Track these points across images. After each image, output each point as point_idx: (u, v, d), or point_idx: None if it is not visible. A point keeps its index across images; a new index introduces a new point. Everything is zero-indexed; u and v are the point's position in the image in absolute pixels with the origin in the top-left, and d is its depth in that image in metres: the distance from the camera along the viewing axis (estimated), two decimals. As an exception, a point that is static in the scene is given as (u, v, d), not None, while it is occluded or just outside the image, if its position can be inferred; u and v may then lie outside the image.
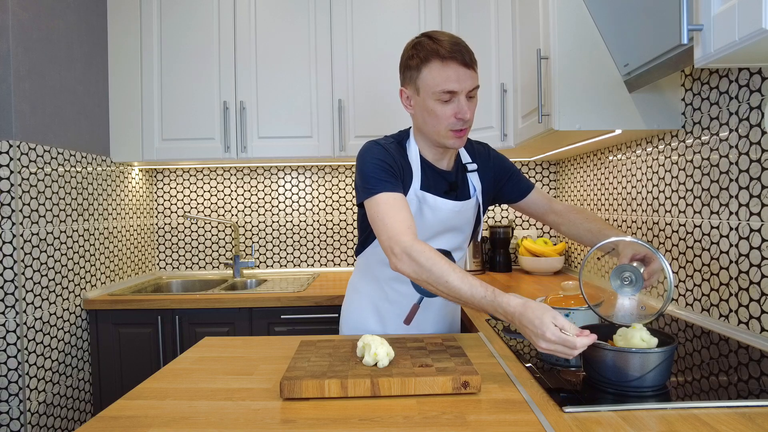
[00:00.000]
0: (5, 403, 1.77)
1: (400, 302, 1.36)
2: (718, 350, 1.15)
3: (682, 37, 0.92)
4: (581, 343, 0.84)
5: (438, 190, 1.28)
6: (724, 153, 1.32)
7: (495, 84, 2.09)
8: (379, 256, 1.35)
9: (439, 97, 1.14)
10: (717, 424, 0.76)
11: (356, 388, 0.89)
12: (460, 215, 1.31)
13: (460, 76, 1.13)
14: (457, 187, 1.31)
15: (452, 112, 1.15)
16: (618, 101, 1.53)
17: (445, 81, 1.13)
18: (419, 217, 1.27)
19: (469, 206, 1.32)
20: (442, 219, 1.29)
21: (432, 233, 1.31)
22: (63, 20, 2.04)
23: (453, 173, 1.32)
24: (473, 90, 1.17)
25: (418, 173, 1.25)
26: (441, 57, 1.12)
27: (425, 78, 1.15)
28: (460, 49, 1.13)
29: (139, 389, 0.96)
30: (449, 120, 1.16)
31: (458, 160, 1.35)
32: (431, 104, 1.16)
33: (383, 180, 1.14)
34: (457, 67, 1.12)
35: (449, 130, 1.17)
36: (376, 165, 1.17)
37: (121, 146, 2.38)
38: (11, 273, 1.77)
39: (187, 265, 2.78)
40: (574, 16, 1.53)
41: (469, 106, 1.16)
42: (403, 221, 1.09)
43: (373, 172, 1.16)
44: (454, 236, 1.34)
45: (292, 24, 2.38)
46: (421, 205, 1.26)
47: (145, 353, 2.12)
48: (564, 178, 2.60)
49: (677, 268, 1.55)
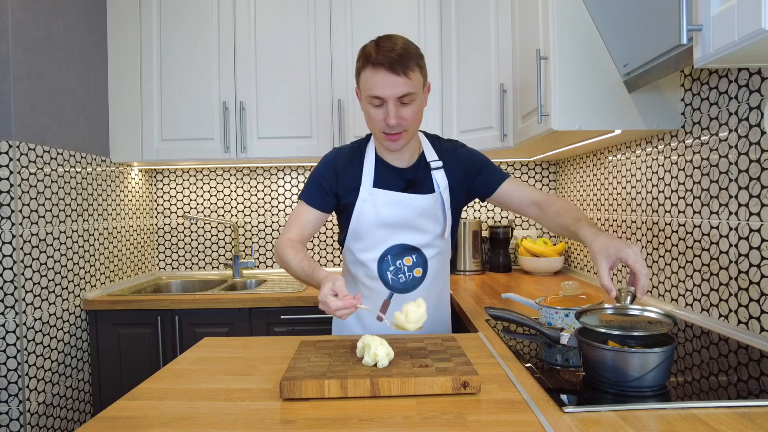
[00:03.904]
0: (5, 404, 1.77)
1: (373, 298, 1.38)
2: (717, 350, 1.15)
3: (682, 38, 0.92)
4: (333, 305, 0.99)
5: (394, 187, 1.34)
6: (724, 153, 1.32)
7: (494, 84, 2.09)
8: (352, 255, 1.39)
9: (371, 101, 1.22)
10: (717, 424, 0.76)
11: (356, 389, 0.89)
12: (421, 210, 1.34)
13: (387, 83, 1.18)
14: (415, 184, 1.35)
15: (383, 116, 1.22)
16: (617, 101, 1.53)
17: (373, 86, 1.20)
18: (375, 215, 1.32)
19: (431, 201, 1.35)
20: (402, 214, 1.33)
21: (393, 229, 1.34)
22: (62, 20, 2.04)
23: (412, 170, 1.36)
24: (405, 97, 1.20)
25: (370, 173, 1.33)
26: (372, 63, 1.19)
27: (362, 82, 1.24)
28: (391, 56, 1.17)
29: (139, 389, 0.96)
30: (380, 124, 1.24)
31: (422, 157, 1.38)
32: (367, 107, 1.25)
33: (310, 192, 1.34)
34: (385, 74, 1.17)
35: (382, 132, 1.25)
36: (313, 177, 1.35)
37: (121, 146, 2.38)
38: (11, 273, 1.76)
39: (186, 265, 2.78)
40: (573, 16, 1.53)
41: (401, 112, 1.21)
42: (294, 228, 1.31)
43: (309, 180, 1.36)
44: (420, 233, 1.36)
45: (292, 24, 2.38)
46: (375, 201, 1.32)
47: (144, 353, 2.12)
48: (564, 178, 2.60)
49: (677, 268, 1.55)
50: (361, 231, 1.35)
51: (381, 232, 1.34)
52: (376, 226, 1.33)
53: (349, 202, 1.34)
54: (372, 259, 1.36)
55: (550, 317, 1.23)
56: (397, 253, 1.36)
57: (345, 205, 1.36)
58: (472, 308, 1.68)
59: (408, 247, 1.36)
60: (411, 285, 1.38)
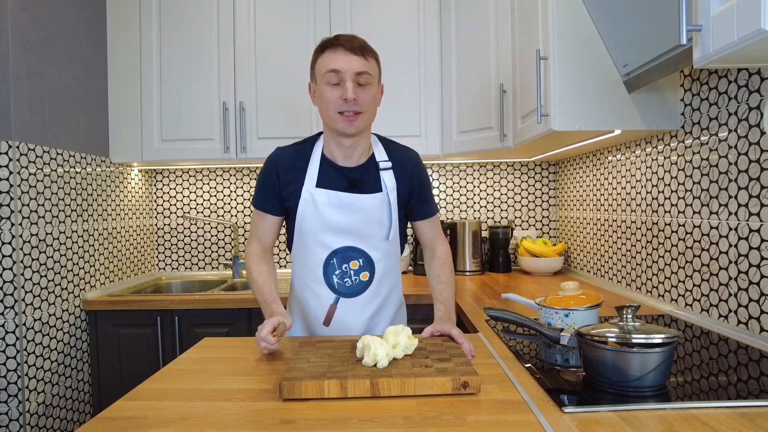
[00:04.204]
0: (4, 404, 1.76)
1: (319, 303, 1.34)
2: (717, 350, 1.15)
3: (682, 38, 0.92)
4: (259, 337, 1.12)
5: (337, 186, 1.31)
6: (723, 153, 1.32)
7: (494, 84, 2.09)
8: (298, 258, 1.37)
9: (328, 80, 1.23)
10: (716, 424, 0.76)
11: (356, 389, 0.89)
12: (365, 210, 1.30)
13: (345, 59, 1.22)
14: (360, 184, 1.32)
15: (339, 94, 1.23)
16: (617, 101, 1.53)
17: (330, 63, 1.23)
18: (316, 215, 1.30)
19: (376, 201, 1.31)
20: (345, 215, 1.30)
21: (336, 231, 1.31)
22: (62, 21, 2.04)
23: (358, 170, 1.33)
24: (362, 75, 1.22)
25: (314, 172, 1.32)
26: (331, 45, 1.25)
27: (318, 65, 1.27)
28: (351, 41, 1.24)
29: (139, 390, 0.96)
30: (336, 102, 1.23)
31: (372, 158, 1.36)
32: (322, 88, 1.25)
33: (259, 195, 1.36)
34: (344, 51, 1.22)
35: (337, 112, 1.24)
36: (259, 180, 1.36)
37: (121, 147, 2.38)
38: (10, 274, 1.76)
39: (186, 265, 2.78)
40: (573, 17, 1.53)
41: (358, 93, 1.23)
42: (253, 240, 1.38)
43: (257, 185, 1.37)
44: (364, 235, 1.32)
45: (292, 24, 2.38)
46: (316, 201, 1.30)
47: (144, 354, 2.12)
48: (563, 178, 2.61)
49: (677, 268, 1.56)
50: (305, 233, 1.32)
51: (324, 234, 1.30)
52: (320, 227, 1.30)
53: (292, 204, 1.32)
54: (317, 263, 1.32)
55: (550, 317, 1.23)
56: (342, 256, 1.32)
57: (289, 207, 1.34)
58: (472, 308, 1.68)
59: (353, 249, 1.32)
60: (357, 289, 1.33)
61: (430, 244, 1.45)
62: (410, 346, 1.04)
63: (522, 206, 2.76)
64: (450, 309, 1.30)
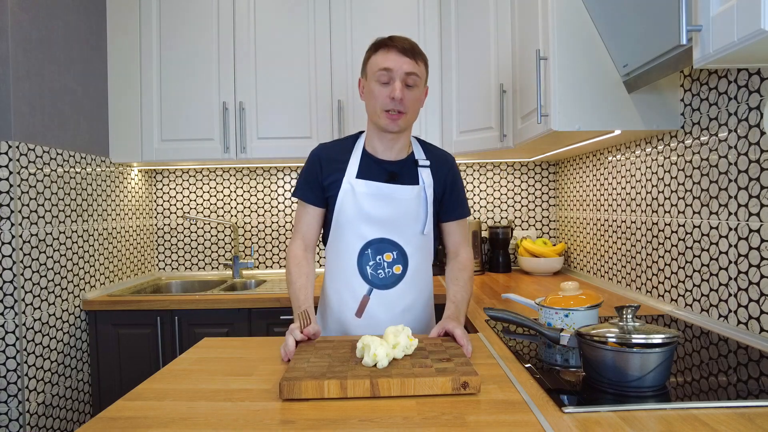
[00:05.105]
0: (4, 404, 1.76)
1: (352, 294, 1.37)
2: (717, 350, 1.15)
3: (681, 38, 0.92)
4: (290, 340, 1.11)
5: (377, 178, 1.36)
6: (723, 153, 1.32)
7: (494, 84, 2.09)
8: (334, 249, 1.40)
9: (379, 77, 1.29)
10: (716, 424, 0.76)
11: (356, 389, 0.89)
12: (402, 202, 1.34)
13: (398, 59, 1.28)
14: (399, 176, 1.37)
15: (388, 92, 1.29)
16: (617, 102, 1.53)
17: (383, 61, 1.29)
18: (354, 205, 1.34)
19: (413, 193, 1.35)
20: (382, 206, 1.34)
21: (373, 222, 1.34)
22: (62, 21, 2.03)
23: (397, 164, 1.38)
24: (411, 76, 1.28)
25: (355, 164, 1.37)
26: (386, 45, 1.30)
27: (371, 63, 1.32)
28: (404, 42, 1.30)
29: (139, 390, 0.96)
30: (384, 100, 1.29)
31: (411, 156, 1.41)
32: (372, 85, 1.31)
33: (302, 185, 1.40)
34: (396, 52, 1.28)
35: (383, 110, 1.30)
36: (302, 172, 1.41)
37: (121, 147, 2.38)
38: (10, 274, 1.76)
39: (186, 265, 2.78)
40: (573, 17, 1.53)
41: (404, 93, 1.28)
42: (297, 237, 1.41)
43: (300, 177, 1.41)
44: (400, 227, 1.35)
45: (292, 24, 2.38)
46: (356, 192, 1.34)
47: (144, 354, 2.12)
48: (563, 178, 2.61)
49: (677, 268, 1.56)
50: (342, 223, 1.35)
51: (361, 224, 1.34)
52: (357, 217, 1.34)
53: (332, 194, 1.36)
54: (351, 253, 1.35)
55: (550, 318, 1.23)
56: (377, 247, 1.35)
57: (329, 198, 1.38)
58: (472, 308, 1.68)
59: (388, 241, 1.35)
60: (390, 282, 1.36)
61: (455, 248, 1.46)
62: (410, 346, 1.04)
63: (522, 206, 2.76)
64: (460, 310, 1.30)
